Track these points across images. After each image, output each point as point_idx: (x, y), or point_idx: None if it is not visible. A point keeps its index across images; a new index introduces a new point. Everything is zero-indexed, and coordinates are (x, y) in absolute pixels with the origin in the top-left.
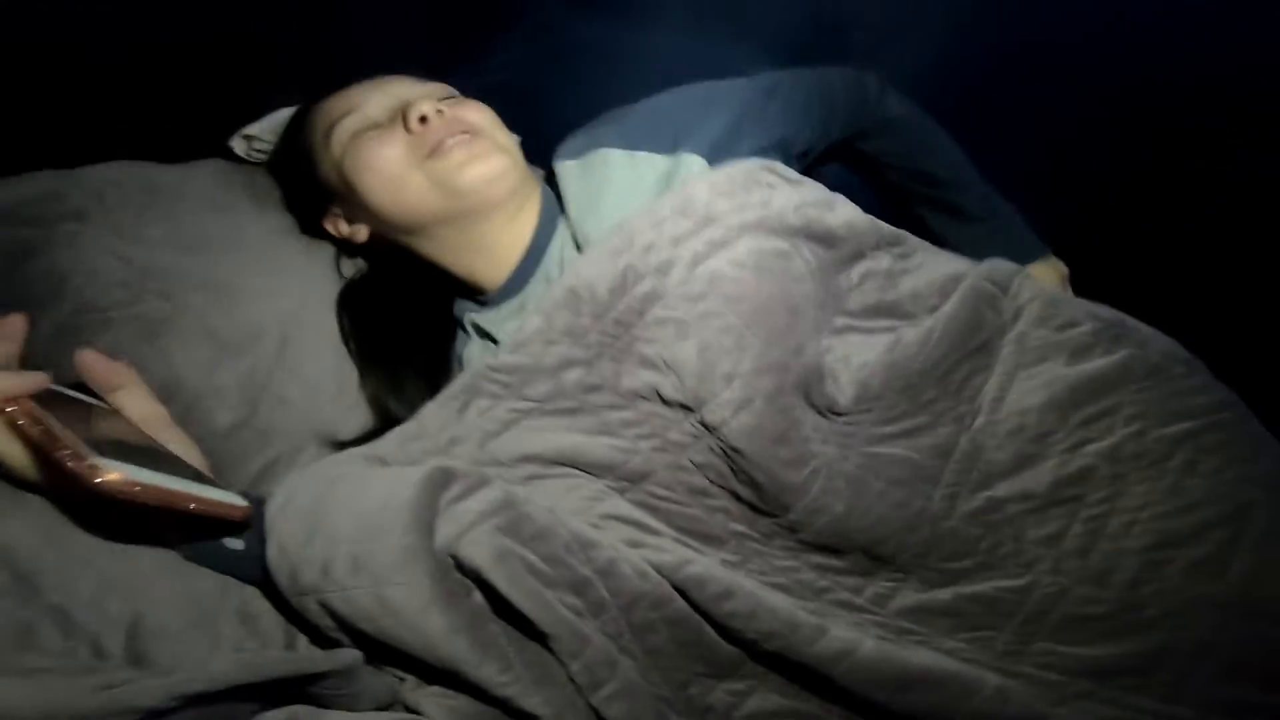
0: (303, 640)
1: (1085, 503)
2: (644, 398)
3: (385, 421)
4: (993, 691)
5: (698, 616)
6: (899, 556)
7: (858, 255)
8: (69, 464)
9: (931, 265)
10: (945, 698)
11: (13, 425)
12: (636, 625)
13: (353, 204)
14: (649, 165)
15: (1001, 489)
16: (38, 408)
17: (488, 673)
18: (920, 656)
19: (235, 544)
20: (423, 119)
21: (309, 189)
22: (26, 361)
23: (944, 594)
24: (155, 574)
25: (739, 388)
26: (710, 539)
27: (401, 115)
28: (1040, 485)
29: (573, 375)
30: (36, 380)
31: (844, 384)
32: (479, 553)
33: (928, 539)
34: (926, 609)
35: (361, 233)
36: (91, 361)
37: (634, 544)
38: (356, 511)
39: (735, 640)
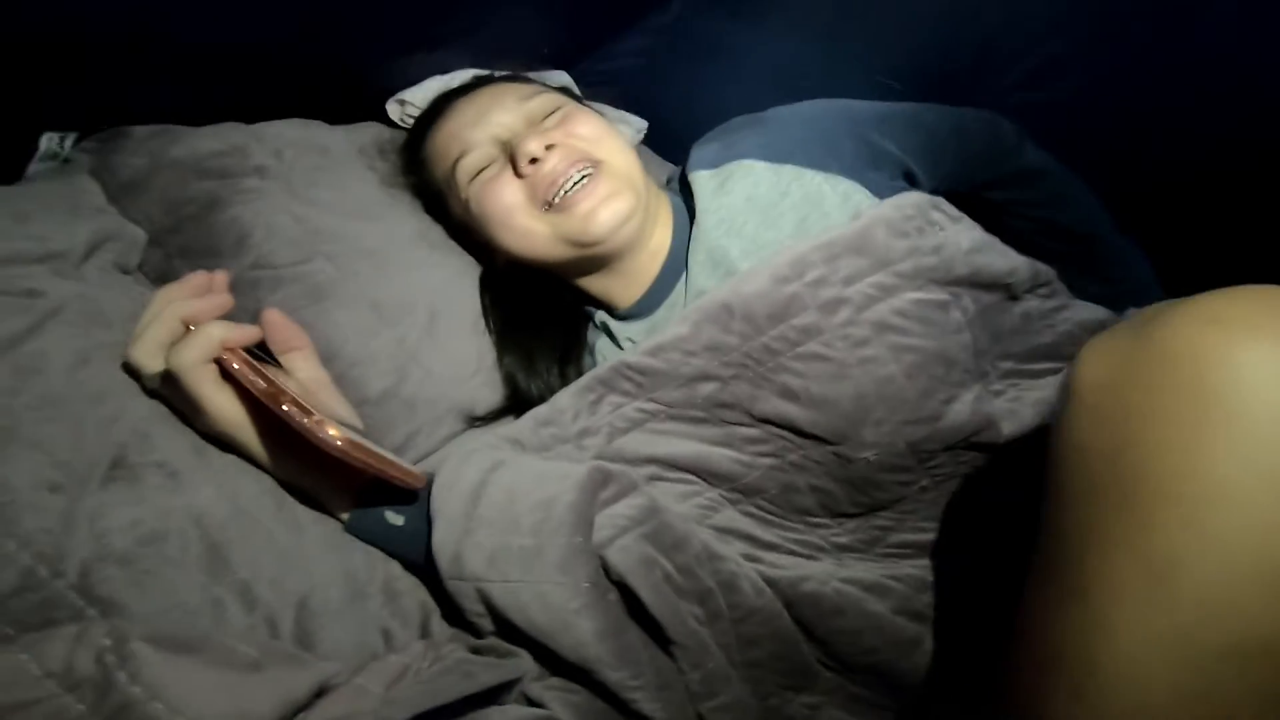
0: (436, 619)
1: None
2: (775, 424)
3: (515, 398)
4: None
5: (798, 634)
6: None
7: (1015, 298)
8: (295, 417)
9: (1077, 307)
10: None
11: (229, 374)
12: (744, 638)
13: (489, 240)
14: (795, 179)
15: None
16: (253, 359)
17: (621, 676)
18: None
19: (396, 519)
20: (532, 160)
21: (449, 222)
22: None
23: None
24: (320, 550)
25: (887, 433)
26: (813, 547)
27: (510, 158)
28: None
29: (706, 389)
30: (254, 333)
31: (1025, 419)
32: (627, 561)
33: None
34: None
35: (501, 261)
36: (277, 321)
37: (749, 558)
38: (522, 503)
39: (831, 654)
